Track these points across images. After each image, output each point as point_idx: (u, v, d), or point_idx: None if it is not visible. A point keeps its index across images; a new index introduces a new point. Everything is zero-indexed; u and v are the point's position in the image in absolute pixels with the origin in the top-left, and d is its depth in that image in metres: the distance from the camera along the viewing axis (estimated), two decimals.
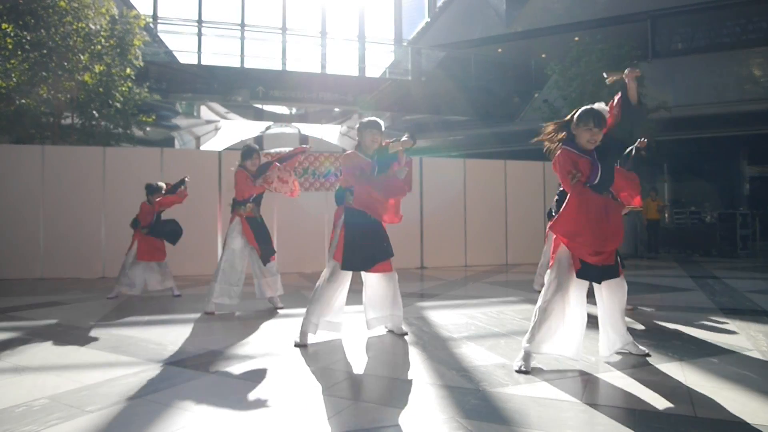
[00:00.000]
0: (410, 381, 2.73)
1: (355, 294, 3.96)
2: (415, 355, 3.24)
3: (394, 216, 3.63)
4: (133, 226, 6.03)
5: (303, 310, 4.71)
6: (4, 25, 8.07)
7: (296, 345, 3.48)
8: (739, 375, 2.81)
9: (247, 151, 4.92)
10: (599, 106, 2.97)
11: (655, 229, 11.88)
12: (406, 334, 3.76)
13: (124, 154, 8.49)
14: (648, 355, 3.14)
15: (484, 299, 5.64)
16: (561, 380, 2.71)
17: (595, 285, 2.99)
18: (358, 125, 3.74)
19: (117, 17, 9.29)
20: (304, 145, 4.08)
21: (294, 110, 19.12)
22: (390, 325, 3.82)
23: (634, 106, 2.92)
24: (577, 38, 13.61)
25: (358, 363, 3.11)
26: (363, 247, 3.48)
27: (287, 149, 4.90)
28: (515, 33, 18.36)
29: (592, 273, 2.87)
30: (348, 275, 3.59)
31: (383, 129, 3.71)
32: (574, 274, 2.87)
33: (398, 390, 2.60)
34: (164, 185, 6.04)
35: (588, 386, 2.61)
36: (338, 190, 3.66)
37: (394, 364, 3.07)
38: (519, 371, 2.83)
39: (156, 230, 5.89)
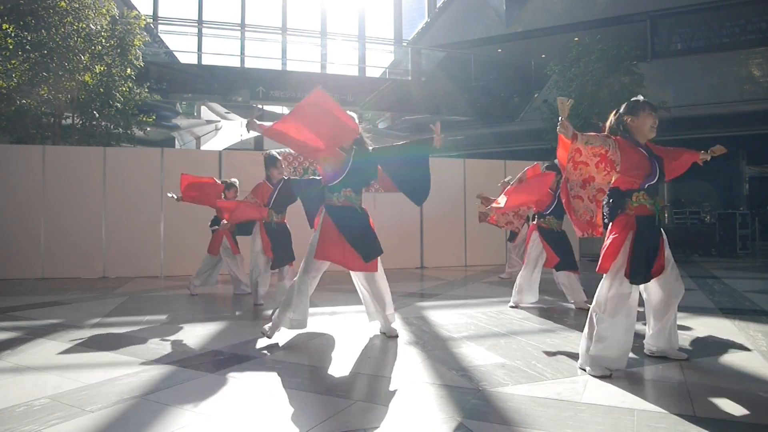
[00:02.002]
0: (410, 381, 2.73)
1: (353, 294, 3.97)
2: (415, 355, 3.24)
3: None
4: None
5: None
6: (5, 26, 8.07)
7: (263, 334, 3.50)
8: (739, 375, 2.82)
9: (270, 159, 5.07)
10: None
11: None
12: (396, 336, 3.72)
13: (125, 154, 8.49)
14: (687, 358, 3.04)
15: (484, 299, 5.65)
16: (561, 380, 2.72)
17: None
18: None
19: (117, 18, 9.29)
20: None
21: None
22: (381, 327, 3.80)
23: None
24: (576, 38, 13.62)
25: (358, 363, 3.12)
26: (340, 242, 3.45)
27: (287, 150, 4.97)
28: (515, 33, 18.36)
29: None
30: (320, 267, 3.54)
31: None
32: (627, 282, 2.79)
33: (398, 390, 2.60)
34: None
35: (588, 386, 2.61)
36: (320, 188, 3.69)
37: (393, 364, 3.07)
38: (598, 377, 2.73)
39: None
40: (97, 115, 9.26)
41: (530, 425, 2.12)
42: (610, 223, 2.94)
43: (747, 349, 3.33)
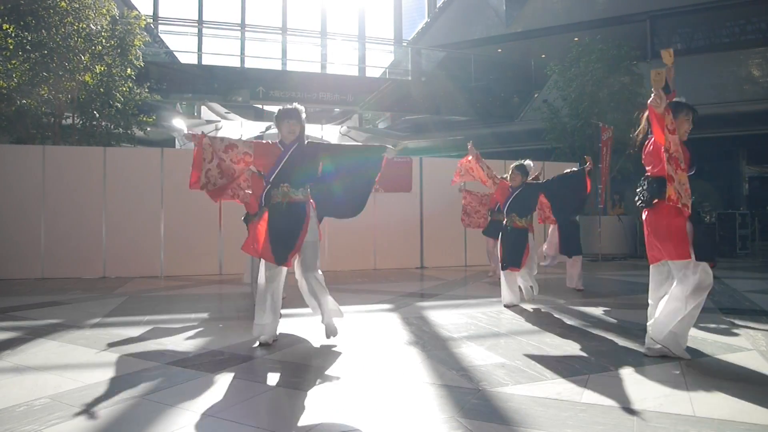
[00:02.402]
0: (410, 381, 2.73)
1: (355, 294, 3.97)
2: (415, 355, 3.24)
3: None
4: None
5: (304, 310, 4.74)
6: (5, 26, 8.06)
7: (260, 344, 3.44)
8: (738, 375, 2.82)
9: None
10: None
11: None
12: (329, 337, 3.50)
13: (125, 154, 8.50)
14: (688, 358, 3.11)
15: (484, 299, 5.64)
16: (561, 380, 2.72)
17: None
18: (276, 114, 3.55)
19: (117, 18, 9.29)
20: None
21: None
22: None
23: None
24: (576, 38, 13.62)
25: (357, 363, 3.12)
26: (278, 242, 3.37)
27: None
28: (515, 33, 18.36)
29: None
30: (275, 268, 3.43)
31: (303, 117, 3.54)
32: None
33: (398, 389, 2.60)
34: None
35: (588, 386, 2.61)
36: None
37: (393, 364, 3.08)
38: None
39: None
40: (97, 115, 9.26)
41: (530, 425, 2.12)
42: (649, 211, 3.06)
43: (747, 349, 3.34)
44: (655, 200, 3.03)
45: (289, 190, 3.41)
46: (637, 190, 3.20)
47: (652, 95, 2.81)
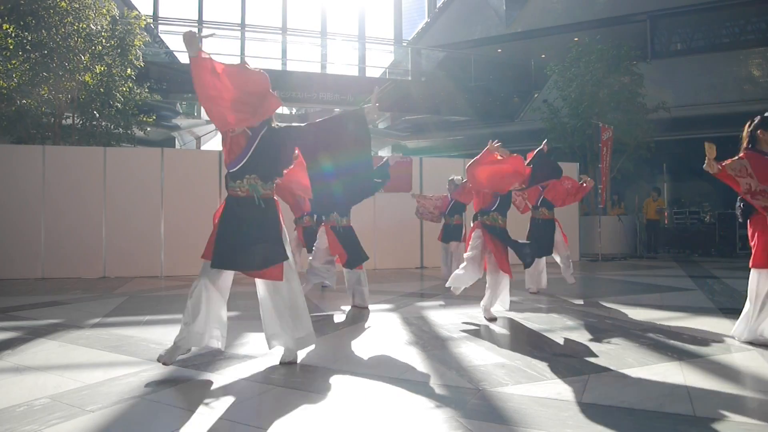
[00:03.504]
0: (410, 381, 2.73)
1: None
2: (415, 355, 3.24)
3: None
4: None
5: None
6: (5, 26, 8.07)
7: (159, 359, 2.86)
8: (738, 375, 2.82)
9: None
10: None
11: (654, 230, 11.91)
12: (290, 363, 2.98)
13: (125, 154, 8.50)
14: None
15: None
16: (561, 380, 2.72)
17: None
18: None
19: (118, 18, 9.30)
20: None
21: (294, 110, 19.09)
22: (283, 354, 3.03)
23: None
24: (576, 38, 13.62)
25: (357, 363, 3.12)
26: (240, 243, 2.85)
27: None
28: (515, 33, 18.36)
29: None
30: (220, 276, 2.91)
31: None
32: None
33: (398, 390, 2.60)
34: None
35: (588, 386, 2.61)
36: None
37: (393, 364, 3.08)
38: None
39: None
40: (98, 115, 9.26)
41: (530, 425, 2.12)
42: (747, 222, 3.56)
43: (747, 349, 3.34)
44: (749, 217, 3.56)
45: (258, 183, 2.93)
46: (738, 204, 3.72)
47: (706, 162, 3.36)
